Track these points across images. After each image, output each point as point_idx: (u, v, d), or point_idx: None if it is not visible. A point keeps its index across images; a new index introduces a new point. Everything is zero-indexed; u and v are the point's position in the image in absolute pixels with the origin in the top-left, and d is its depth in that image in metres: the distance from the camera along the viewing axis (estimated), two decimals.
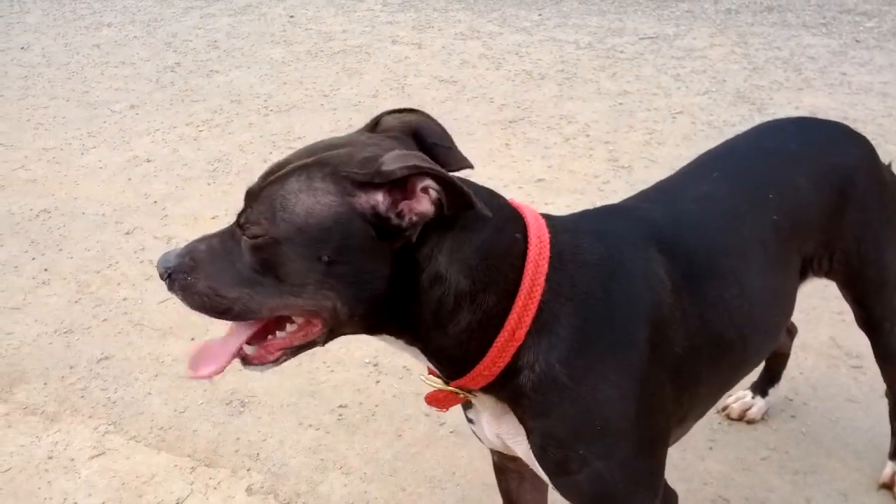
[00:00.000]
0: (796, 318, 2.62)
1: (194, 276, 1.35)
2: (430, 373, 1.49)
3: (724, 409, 2.61)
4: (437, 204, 1.28)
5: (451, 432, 2.59)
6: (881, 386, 2.33)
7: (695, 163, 1.93)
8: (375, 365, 2.93)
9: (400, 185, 1.27)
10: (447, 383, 1.44)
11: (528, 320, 1.37)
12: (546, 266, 1.38)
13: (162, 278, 1.36)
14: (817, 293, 3.05)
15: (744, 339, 1.68)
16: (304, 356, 2.99)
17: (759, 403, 2.58)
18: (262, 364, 1.44)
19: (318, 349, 3.12)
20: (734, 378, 1.79)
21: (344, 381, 2.86)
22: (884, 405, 2.35)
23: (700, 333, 1.55)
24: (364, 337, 3.19)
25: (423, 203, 1.28)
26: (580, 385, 1.40)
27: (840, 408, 2.62)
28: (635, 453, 1.48)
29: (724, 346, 1.63)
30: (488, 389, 1.42)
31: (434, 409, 1.53)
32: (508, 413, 1.46)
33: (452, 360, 1.39)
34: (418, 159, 1.27)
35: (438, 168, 1.28)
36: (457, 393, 1.44)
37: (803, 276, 1.88)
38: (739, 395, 2.61)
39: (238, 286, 1.33)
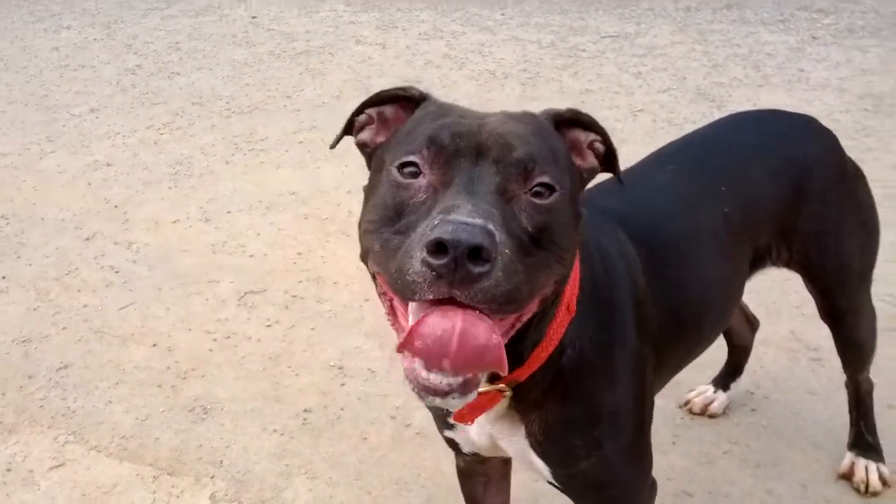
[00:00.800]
0: (757, 312, 2.66)
1: (510, 251, 1.03)
2: None
3: (687, 403, 2.64)
4: (599, 161, 1.33)
5: (417, 434, 2.58)
6: (840, 377, 2.37)
7: (653, 155, 1.96)
8: (340, 368, 2.91)
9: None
10: (492, 383, 1.35)
11: (576, 292, 1.36)
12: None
13: (471, 258, 0.97)
14: (777, 287, 3.09)
15: (698, 320, 1.75)
16: (268, 360, 2.99)
17: (721, 398, 2.61)
18: (473, 390, 1.08)
19: (283, 352, 3.09)
20: (688, 358, 1.86)
21: (308, 384, 2.85)
22: (843, 396, 2.39)
23: (664, 313, 1.59)
24: (330, 338, 3.16)
25: (590, 159, 1.32)
26: (604, 363, 1.43)
27: (800, 400, 2.66)
28: (637, 433, 1.53)
29: (683, 326, 1.69)
30: (526, 383, 1.36)
31: (459, 423, 1.43)
32: (508, 411, 1.44)
33: (523, 345, 1.30)
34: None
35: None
36: (502, 391, 1.36)
37: (760, 265, 1.93)
38: (701, 390, 2.63)
39: (525, 261, 1.08)
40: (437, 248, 0.97)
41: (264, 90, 5.63)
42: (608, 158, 1.35)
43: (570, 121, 1.31)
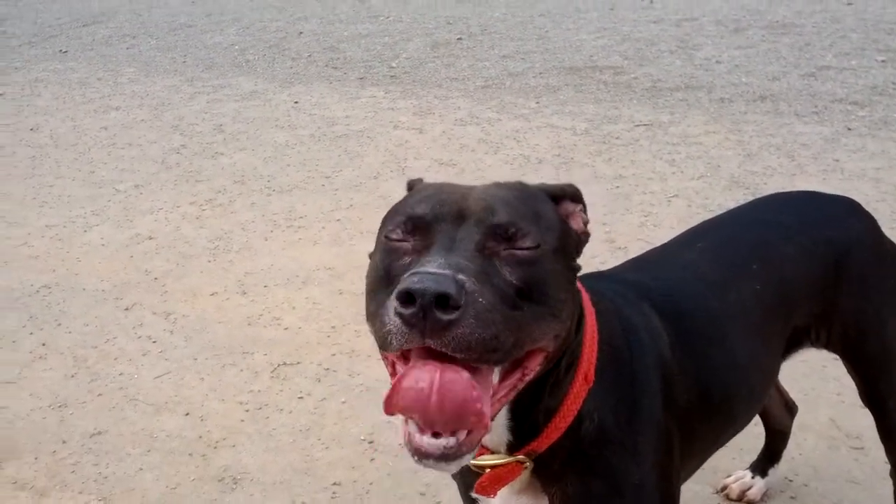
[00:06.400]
0: (796, 397, 2.62)
1: (485, 300, 1.06)
2: (480, 452, 1.35)
3: (724, 489, 2.57)
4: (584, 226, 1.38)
5: None
6: (883, 468, 2.30)
7: (684, 234, 1.98)
8: (371, 442, 2.90)
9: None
10: (511, 454, 1.35)
11: (594, 361, 1.37)
12: (593, 310, 1.40)
13: (439, 306, 1.00)
14: (816, 373, 3.04)
15: (729, 399, 1.71)
16: (298, 432, 2.98)
17: (759, 484, 2.54)
18: (466, 453, 1.10)
19: (313, 425, 3.08)
20: (719, 440, 1.81)
21: (338, 458, 2.83)
22: (887, 488, 2.31)
23: (693, 389, 1.57)
24: (361, 412, 3.15)
25: (579, 222, 1.37)
26: (625, 436, 1.41)
27: (841, 489, 2.58)
28: None
29: (712, 405, 1.66)
30: (545, 454, 1.36)
31: (482, 496, 1.41)
32: (530, 484, 1.42)
33: (538, 413, 1.32)
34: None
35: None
36: (522, 462, 1.35)
37: (799, 345, 1.90)
38: (739, 476, 2.58)
39: (508, 312, 1.10)
40: (406, 298, 1.01)
41: (304, 170, 5.77)
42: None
43: (562, 194, 1.38)
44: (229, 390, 3.25)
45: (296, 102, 7.52)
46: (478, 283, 1.06)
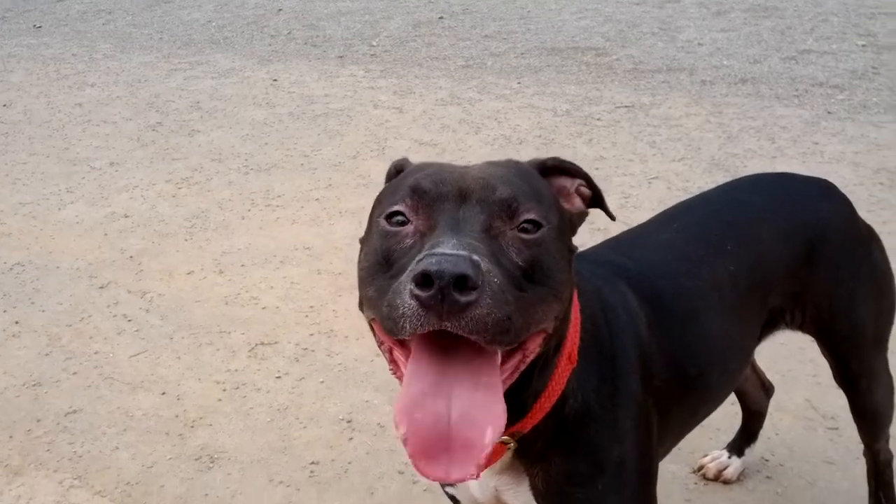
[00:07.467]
0: (773, 379, 2.63)
1: (498, 281, 1.05)
2: None
3: (700, 468, 2.59)
4: (587, 204, 1.38)
5: (425, 490, 2.54)
6: (857, 448, 2.33)
7: (660, 214, 1.98)
8: (349, 422, 2.88)
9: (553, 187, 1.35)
10: None
11: (577, 341, 1.37)
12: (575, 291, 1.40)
13: (457, 287, 0.99)
14: (793, 356, 3.06)
15: (705, 378, 1.73)
16: (276, 411, 2.96)
17: (736, 463, 2.56)
18: (484, 461, 1.10)
19: (291, 404, 3.07)
20: (695, 417, 1.83)
21: (316, 437, 2.82)
22: (861, 468, 2.34)
23: (670, 367, 1.58)
24: (339, 391, 3.14)
25: (577, 202, 1.37)
26: (607, 413, 1.42)
27: (817, 469, 2.61)
28: (642, 488, 1.49)
29: (688, 383, 1.67)
30: (529, 434, 1.36)
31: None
32: (512, 464, 1.43)
33: (526, 395, 1.31)
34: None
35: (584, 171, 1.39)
36: (506, 443, 1.36)
37: (774, 327, 1.91)
38: (715, 455, 2.59)
39: (517, 293, 1.09)
40: (424, 280, 0.99)
41: (282, 149, 5.71)
42: (596, 202, 1.42)
43: (555, 168, 1.38)
44: (206, 369, 3.23)
45: (274, 80, 7.44)
46: (490, 264, 1.06)
